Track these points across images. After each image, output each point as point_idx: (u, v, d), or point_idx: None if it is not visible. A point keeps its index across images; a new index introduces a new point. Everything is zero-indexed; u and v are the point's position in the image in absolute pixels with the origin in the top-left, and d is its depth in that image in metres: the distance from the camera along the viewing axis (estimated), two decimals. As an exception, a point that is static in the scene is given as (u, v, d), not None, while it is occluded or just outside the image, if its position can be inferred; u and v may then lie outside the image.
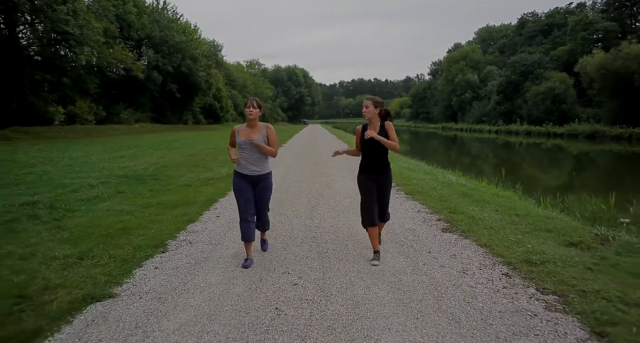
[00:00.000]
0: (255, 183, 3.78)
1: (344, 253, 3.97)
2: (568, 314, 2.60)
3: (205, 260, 3.80)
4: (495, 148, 33.01)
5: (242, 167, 3.78)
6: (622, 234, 4.16)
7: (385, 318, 2.62)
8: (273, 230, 4.68)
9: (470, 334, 2.40)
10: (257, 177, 3.77)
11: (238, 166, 3.82)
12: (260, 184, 3.80)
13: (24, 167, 10.19)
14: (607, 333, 2.33)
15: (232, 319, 2.66)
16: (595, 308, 2.58)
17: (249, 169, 3.74)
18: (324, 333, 2.46)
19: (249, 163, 3.74)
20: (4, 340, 2.35)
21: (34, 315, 2.65)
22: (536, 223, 4.69)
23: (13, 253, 3.82)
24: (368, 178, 3.75)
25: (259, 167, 3.76)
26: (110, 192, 7.21)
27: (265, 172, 3.82)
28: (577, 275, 3.12)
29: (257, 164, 3.74)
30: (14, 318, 2.61)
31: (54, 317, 2.65)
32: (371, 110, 3.70)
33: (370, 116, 3.71)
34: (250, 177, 3.76)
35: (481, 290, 3.03)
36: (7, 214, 5.30)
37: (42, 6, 17.50)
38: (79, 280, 3.17)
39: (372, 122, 3.74)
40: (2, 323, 2.53)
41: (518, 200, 6.72)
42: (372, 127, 3.72)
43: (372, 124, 3.74)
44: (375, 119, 3.72)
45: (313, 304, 2.85)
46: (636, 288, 2.83)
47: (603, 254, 3.61)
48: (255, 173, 3.75)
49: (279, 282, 3.27)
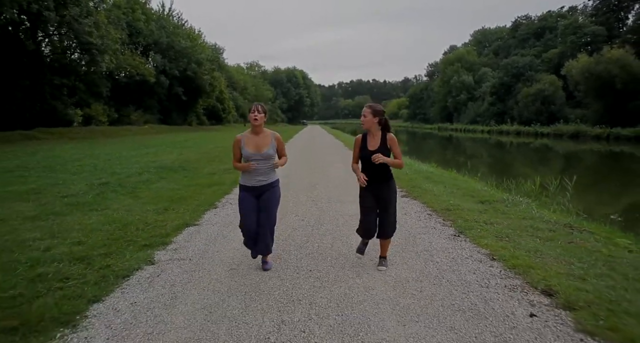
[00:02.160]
0: (260, 193, 3.54)
1: (331, 205, 6.07)
2: (451, 227, 4.76)
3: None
4: (482, 147, 35.11)
5: (247, 178, 3.53)
6: (517, 198, 6.27)
7: (350, 227, 4.73)
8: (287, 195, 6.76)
9: (400, 234, 4.51)
10: (263, 186, 3.53)
11: (243, 178, 3.58)
12: (265, 194, 3.54)
13: (74, 161, 12.27)
14: (465, 232, 4.45)
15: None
16: (467, 226, 4.72)
17: (255, 179, 3.51)
18: (318, 244, 4.56)
19: (256, 174, 3.49)
20: (150, 238, 4.43)
21: (162, 229, 4.75)
22: (467, 192, 6.81)
23: (119, 209, 5.91)
24: (367, 190, 3.50)
25: (265, 176, 3.53)
26: (155, 177, 9.31)
27: (272, 181, 3.58)
28: (470, 214, 5.24)
29: (264, 174, 3.52)
30: (148, 232, 4.69)
31: (168, 233, 4.73)
32: (369, 120, 3.43)
33: (369, 126, 3.45)
34: (256, 188, 3.52)
35: (412, 220, 5.16)
36: (95, 189, 7.41)
37: (70, 20, 19.59)
38: (174, 218, 5.28)
39: (372, 132, 3.48)
40: (143, 233, 4.62)
41: (469, 181, 8.83)
42: (372, 137, 3.48)
43: (372, 134, 3.48)
44: (375, 129, 3.46)
45: (311, 228, 4.95)
46: (496, 218, 4.95)
47: (495, 206, 5.73)
48: (261, 183, 3.52)
49: (295, 218, 5.37)
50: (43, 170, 10.06)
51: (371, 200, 3.50)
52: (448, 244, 4.17)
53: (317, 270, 3.55)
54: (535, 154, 26.57)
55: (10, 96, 23.05)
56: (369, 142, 3.47)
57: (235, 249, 4.11)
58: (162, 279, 3.33)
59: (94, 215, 5.50)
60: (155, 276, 3.40)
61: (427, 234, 4.55)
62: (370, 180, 3.44)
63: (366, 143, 3.48)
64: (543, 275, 3.17)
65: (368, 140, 3.49)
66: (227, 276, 3.42)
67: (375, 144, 3.43)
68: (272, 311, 2.79)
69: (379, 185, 3.49)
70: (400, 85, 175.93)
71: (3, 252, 3.80)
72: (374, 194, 3.50)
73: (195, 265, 3.69)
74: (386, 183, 3.51)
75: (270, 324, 2.60)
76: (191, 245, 4.28)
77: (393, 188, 3.57)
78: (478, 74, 69.30)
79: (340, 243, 4.32)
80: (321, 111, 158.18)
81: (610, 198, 11.03)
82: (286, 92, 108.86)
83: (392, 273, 3.41)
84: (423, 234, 4.55)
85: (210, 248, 4.18)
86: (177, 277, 3.38)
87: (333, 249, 4.13)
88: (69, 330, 2.48)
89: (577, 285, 2.95)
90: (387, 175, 3.51)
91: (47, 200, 6.43)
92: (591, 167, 19.41)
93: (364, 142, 3.50)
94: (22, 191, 7.14)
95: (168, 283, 3.25)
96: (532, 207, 5.67)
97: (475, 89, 67.78)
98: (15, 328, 2.40)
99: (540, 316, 2.60)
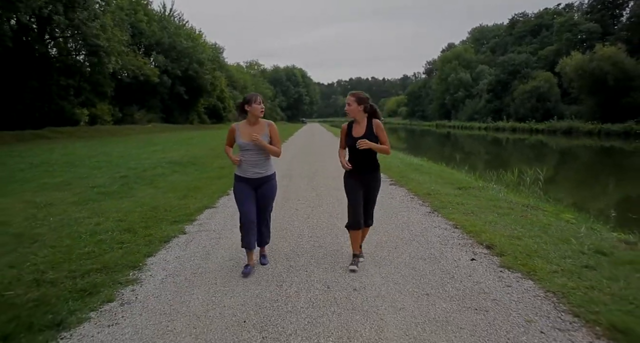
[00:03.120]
0: (257, 186, 3.52)
1: (328, 190, 7.00)
2: (428, 207, 5.71)
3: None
4: (477, 143, 36.00)
5: (243, 170, 3.50)
6: (490, 185, 7.21)
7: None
8: (291, 181, 7.70)
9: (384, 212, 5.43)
10: (260, 179, 3.51)
11: (239, 169, 3.54)
12: (263, 187, 3.53)
13: (89, 158, 13.20)
14: (439, 210, 5.40)
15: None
16: (441, 206, 5.66)
17: (251, 171, 3.48)
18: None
19: (250, 165, 3.47)
20: (178, 216, 5.36)
21: (187, 210, 5.68)
22: (449, 181, 7.75)
23: (144, 197, 6.84)
24: (355, 179, 3.49)
25: (261, 168, 3.50)
26: (168, 171, 10.24)
27: (269, 174, 3.56)
28: (446, 198, 6.18)
29: (259, 165, 3.48)
30: (175, 212, 5.62)
31: (192, 212, 5.65)
32: (354, 108, 3.39)
33: (354, 114, 3.42)
34: (252, 180, 3.49)
35: (396, 202, 6.11)
36: (117, 181, 8.34)
37: (79, 23, 20.51)
38: (194, 202, 6.22)
39: (357, 120, 3.45)
40: (171, 213, 5.55)
41: (454, 173, 9.77)
42: (357, 125, 3.44)
43: (358, 122, 3.45)
44: (360, 117, 3.42)
45: (312, 207, 5.88)
46: (468, 200, 5.89)
47: (470, 192, 6.67)
48: (257, 175, 3.49)
49: (297, 203, 6.29)
50: (65, 165, 10.99)
51: (359, 188, 3.47)
52: (423, 219, 5.11)
53: (316, 237, 4.49)
54: (526, 150, 27.58)
55: (20, 97, 23.98)
56: (354, 130, 3.44)
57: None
58: (194, 243, 4.27)
59: (124, 201, 6.43)
60: (189, 241, 4.34)
61: (407, 212, 5.49)
62: (357, 170, 3.42)
63: (351, 130, 3.46)
64: (490, 236, 4.12)
65: (354, 127, 3.45)
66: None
67: (361, 131, 3.39)
68: (282, 259, 3.74)
69: (366, 175, 3.47)
70: (400, 82, 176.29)
71: (65, 226, 4.73)
72: (362, 183, 3.48)
73: (218, 234, 4.63)
74: (374, 173, 3.51)
75: (282, 266, 3.55)
76: (212, 221, 5.22)
77: (379, 179, 3.59)
78: (475, 72, 70.04)
79: (335, 219, 5.25)
80: (320, 109, 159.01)
81: (581, 187, 11.99)
82: (285, 90, 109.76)
83: (375, 238, 4.34)
84: (403, 211, 5.49)
85: (228, 223, 5.12)
86: (207, 242, 4.32)
87: (329, 222, 5.07)
88: (137, 271, 3.43)
89: (512, 242, 3.89)
90: (374, 164, 3.48)
91: (80, 190, 7.36)
92: (573, 161, 20.57)
93: (349, 129, 3.47)
94: (55, 183, 8.07)
95: (200, 245, 4.19)
96: (501, 192, 6.61)
97: (472, 86, 68.53)
98: (100, 269, 3.36)
99: (478, 259, 3.55)
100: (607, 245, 3.78)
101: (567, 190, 11.06)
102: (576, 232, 4.22)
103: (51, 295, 2.86)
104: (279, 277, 3.35)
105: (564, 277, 3.06)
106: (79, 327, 2.54)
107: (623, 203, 9.78)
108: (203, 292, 3.03)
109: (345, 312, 2.67)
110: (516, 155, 23.92)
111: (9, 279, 3.16)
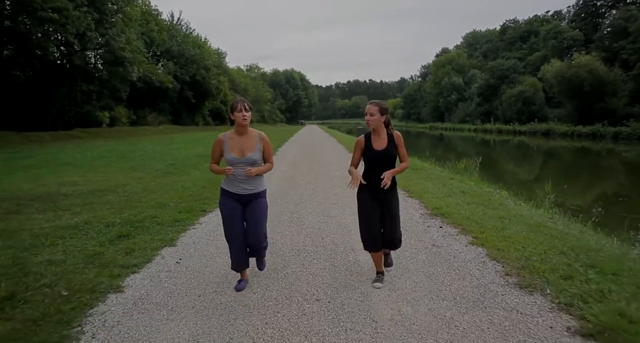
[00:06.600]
0: (245, 202, 3.18)
1: (327, 178, 10.04)
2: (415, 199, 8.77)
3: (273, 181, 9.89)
4: (462, 143, 39.08)
5: (230, 184, 3.15)
6: (435, 168, 10.31)
7: (336, 197, 8.72)
8: (295, 170, 10.75)
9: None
10: (248, 196, 3.16)
11: (225, 182, 3.19)
12: (251, 204, 3.18)
13: (131, 152, 16.23)
14: (393, 180, 8.53)
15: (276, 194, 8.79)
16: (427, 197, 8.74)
17: (240, 187, 3.13)
18: (322, 195, 8.57)
19: (238, 180, 3.11)
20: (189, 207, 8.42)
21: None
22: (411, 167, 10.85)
23: (197, 175, 9.86)
24: (369, 195, 3.20)
25: (251, 185, 3.15)
26: (202, 161, 13.24)
27: (259, 190, 3.21)
28: (401, 175, 9.25)
29: (248, 181, 3.13)
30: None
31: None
32: (377, 119, 3.13)
33: (376, 125, 3.15)
34: (239, 196, 3.15)
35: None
36: (170, 167, 11.37)
37: (109, 39, 23.69)
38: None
39: (377, 131, 3.18)
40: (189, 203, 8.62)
41: (418, 162, 12.84)
42: (377, 137, 3.19)
43: (377, 133, 3.19)
44: (381, 128, 3.17)
45: (309, 192, 8.93)
46: (416, 176, 8.99)
47: (419, 172, 9.74)
48: (246, 191, 3.14)
49: (300, 187, 9.33)
50: (120, 158, 14.02)
51: (375, 206, 3.21)
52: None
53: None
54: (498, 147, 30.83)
55: (53, 102, 27.06)
56: (374, 142, 3.19)
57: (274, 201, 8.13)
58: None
59: (184, 177, 9.47)
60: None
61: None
62: (373, 185, 3.13)
63: (370, 142, 3.20)
64: (419, 191, 7.19)
65: (373, 139, 3.20)
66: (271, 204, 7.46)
67: (382, 144, 3.17)
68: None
69: (385, 192, 3.17)
70: (397, 85, 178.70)
71: (165, 186, 7.80)
72: (379, 199, 3.21)
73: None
74: (393, 190, 3.25)
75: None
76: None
77: (396, 193, 3.32)
78: (468, 76, 72.77)
79: (331, 195, 8.30)
80: (319, 111, 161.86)
81: (510, 174, 15.11)
82: (285, 93, 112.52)
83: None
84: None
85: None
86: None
87: (327, 197, 8.12)
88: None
89: (429, 195, 6.97)
90: (393, 180, 3.16)
91: (150, 171, 10.38)
92: (527, 154, 24.25)
93: (367, 141, 3.21)
94: (127, 167, 11.11)
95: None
96: (438, 171, 9.70)
97: (464, 90, 71.32)
98: (200, 199, 6.44)
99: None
100: (468, 189, 6.89)
101: (499, 174, 14.19)
102: (467, 187, 7.31)
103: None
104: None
105: (440, 201, 6.16)
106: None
107: (532, 181, 13.01)
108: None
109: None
110: (486, 152, 27.30)
111: (164, 202, 6.27)
